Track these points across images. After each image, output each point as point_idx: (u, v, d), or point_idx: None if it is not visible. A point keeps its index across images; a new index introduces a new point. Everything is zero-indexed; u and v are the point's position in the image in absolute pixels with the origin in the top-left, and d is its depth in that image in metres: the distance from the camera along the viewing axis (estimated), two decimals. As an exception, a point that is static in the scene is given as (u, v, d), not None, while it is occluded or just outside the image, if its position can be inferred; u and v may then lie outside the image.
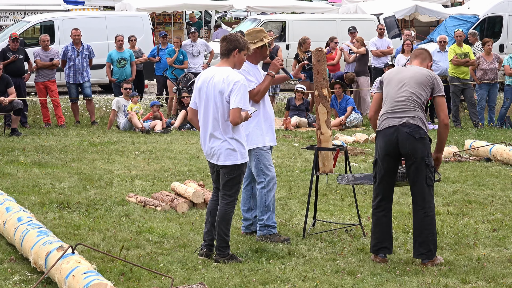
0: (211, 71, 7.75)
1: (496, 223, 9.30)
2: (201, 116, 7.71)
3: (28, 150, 14.25)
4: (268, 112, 8.48)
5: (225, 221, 7.73)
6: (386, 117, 7.68)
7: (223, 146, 7.58)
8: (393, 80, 7.78)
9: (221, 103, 7.54)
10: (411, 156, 7.60)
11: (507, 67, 17.40)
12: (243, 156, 7.65)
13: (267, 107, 8.48)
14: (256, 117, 8.27)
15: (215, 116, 7.59)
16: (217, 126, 7.59)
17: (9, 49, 17.58)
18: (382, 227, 7.83)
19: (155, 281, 7.12)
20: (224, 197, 7.74)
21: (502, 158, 13.08)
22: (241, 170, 7.69)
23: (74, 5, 30.93)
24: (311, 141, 15.57)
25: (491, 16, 24.62)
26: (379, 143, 7.74)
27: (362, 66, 19.43)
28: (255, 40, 8.46)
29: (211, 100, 7.59)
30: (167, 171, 12.39)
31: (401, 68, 8.01)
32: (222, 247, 7.74)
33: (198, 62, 20.06)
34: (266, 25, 24.23)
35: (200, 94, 7.72)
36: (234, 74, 7.60)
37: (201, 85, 7.74)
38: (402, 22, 30.81)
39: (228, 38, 7.78)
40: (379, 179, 7.79)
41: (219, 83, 7.55)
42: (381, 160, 7.72)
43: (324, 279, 7.25)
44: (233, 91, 7.48)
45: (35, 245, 7.29)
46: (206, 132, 7.67)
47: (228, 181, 7.69)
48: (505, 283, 7.17)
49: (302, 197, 10.51)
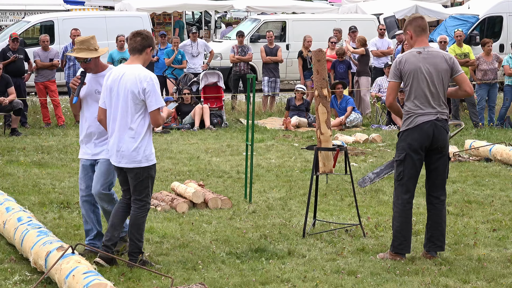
0: (121, 69, 7.39)
1: (496, 223, 9.30)
2: (111, 115, 7.37)
3: (28, 150, 14.25)
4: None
5: (136, 226, 7.43)
6: (420, 113, 7.65)
7: (130, 148, 7.29)
8: (417, 74, 7.67)
9: (133, 102, 7.25)
10: (441, 150, 7.74)
11: (506, 67, 17.40)
12: (148, 159, 7.34)
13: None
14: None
15: (124, 116, 7.29)
16: (126, 127, 7.29)
17: (9, 49, 17.59)
18: (409, 225, 7.84)
19: (155, 281, 7.12)
20: (135, 201, 7.44)
21: (502, 158, 13.08)
22: (148, 173, 7.38)
23: (74, 5, 30.92)
24: (311, 141, 15.57)
25: (491, 16, 24.61)
26: (412, 138, 7.67)
27: (362, 66, 19.43)
28: (93, 47, 7.74)
29: (121, 99, 7.28)
30: (167, 171, 12.40)
31: (417, 56, 7.73)
32: (134, 253, 7.46)
33: (198, 62, 20.08)
34: (266, 25, 24.25)
35: (111, 93, 7.35)
36: (146, 71, 7.33)
37: (111, 84, 7.36)
38: (402, 22, 30.78)
39: (145, 34, 7.41)
40: (410, 174, 7.74)
41: (131, 81, 7.25)
42: (414, 154, 7.67)
43: (324, 279, 7.25)
44: (149, 92, 7.21)
45: (35, 245, 7.29)
46: (115, 132, 7.34)
47: (137, 185, 7.39)
48: (505, 283, 7.17)
49: (302, 197, 10.51)
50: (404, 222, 7.80)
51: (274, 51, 20.17)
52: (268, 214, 9.72)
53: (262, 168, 12.66)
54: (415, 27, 7.84)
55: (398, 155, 7.79)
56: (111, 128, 7.39)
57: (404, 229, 7.80)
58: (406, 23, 7.94)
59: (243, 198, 10.54)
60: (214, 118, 17.72)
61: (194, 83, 18.46)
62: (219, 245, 8.33)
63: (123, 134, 7.32)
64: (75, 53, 7.68)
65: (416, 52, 7.75)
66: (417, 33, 7.82)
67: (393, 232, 7.89)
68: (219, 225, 9.19)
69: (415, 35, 7.83)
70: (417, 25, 7.84)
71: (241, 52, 20.08)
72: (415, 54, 7.77)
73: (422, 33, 7.82)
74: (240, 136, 16.16)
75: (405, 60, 7.77)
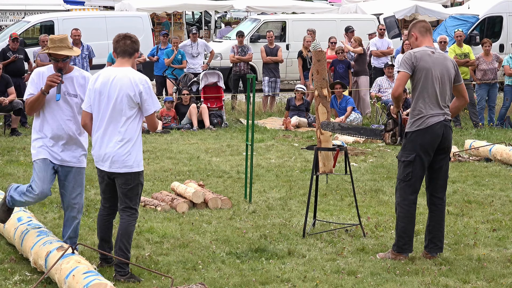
0: (111, 72, 7.17)
1: (496, 223, 9.30)
2: (98, 119, 7.12)
3: (28, 150, 14.24)
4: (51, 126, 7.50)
5: (127, 235, 7.17)
6: (431, 114, 7.66)
7: (121, 152, 7.06)
8: (431, 74, 7.67)
9: (128, 105, 7.04)
10: (447, 150, 7.81)
11: (506, 67, 17.40)
12: (139, 164, 7.14)
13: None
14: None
15: (115, 120, 7.05)
16: (116, 131, 7.06)
17: (9, 49, 17.59)
18: (413, 226, 7.85)
19: (155, 281, 7.12)
20: (126, 209, 7.18)
21: (502, 158, 13.08)
22: (139, 179, 7.17)
23: (74, 5, 30.95)
24: (311, 141, 15.57)
25: (491, 16, 24.61)
26: (423, 139, 7.66)
27: (361, 65, 19.43)
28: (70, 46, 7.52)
29: (113, 103, 7.04)
30: (167, 171, 12.40)
31: (432, 55, 7.73)
32: (122, 264, 7.15)
33: (198, 63, 20.07)
34: (266, 25, 24.24)
35: (100, 97, 7.09)
36: (140, 74, 7.18)
37: (101, 87, 7.10)
38: (402, 22, 30.81)
39: (134, 38, 7.26)
40: (417, 175, 7.74)
41: (126, 84, 7.05)
42: (424, 155, 7.68)
43: (324, 279, 7.25)
44: (146, 95, 7.05)
45: (35, 245, 7.29)
46: (104, 137, 7.10)
47: (127, 192, 7.14)
48: (505, 283, 7.17)
49: (302, 197, 10.51)
50: (409, 222, 7.80)
51: (274, 51, 20.17)
52: (268, 214, 9.73)
53: (262, 168, 12.66)
54: (420, 27, 7.87)
55: (407, 155, 7.73)
56: (100, 132, 7.13)
57: (409, 229, 7.81)
58: (410, 26, 7.98)
59: (243, 198, 10.54)
60: (214, 118, 17.72)
61: (194, 83, 18.46)
62: (219, 245, 8.33)
63: (113, 138, 7.07)
64: (56, 50, 7.36)
65: (430, 52, 7.75)
66: (422, 33, 7.85)
67: (397, 232, 7.87)
68: (219, 225, 9.19)
69: (421, 35, 7.84)
70: (422, 26, 7.89)
71: (241, 52, 20.08)
72: (430, 53, 7.76)
73: (428, 33, 7.86)
74: (240, 136, 16.16)
75: (420, 57, 7.72)
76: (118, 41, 7.28)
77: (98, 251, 7.47)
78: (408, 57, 7.73)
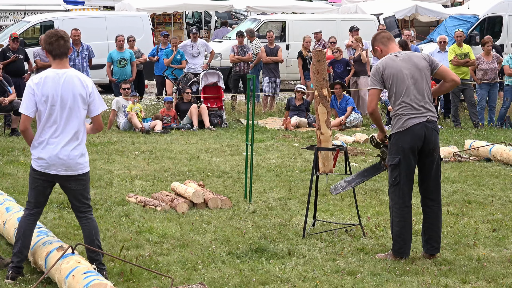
0: (56, 74, 6.95)
1: (496, 223, 9.30)
2: (49, 123, 6.92)
3: (28, 150, 14.23)
4: None
5: (98, 232, 7.24)
6: (410, 114, 7.60)
7: (76, 154, 6.98)
8: (399, 75, 7.65)
9: (82, 106, 6.95)
10: (433, 152, 7.69)
11: (506, 67, 17.40)
12: (88, 163, 7.12)
13: None
14: None
15: (69, 122, 6.93)
16: (70, 134, 6.93)
17: (9, 49, 17.59)
18: (409, 228, 7.81)
19: (155, 281, 7.12)
20: (86, 207, 7.17)
21: (502, 158, 13.08)
22: (88, 177, 7.16)
23: (74, 5, 30.93)
24: (311, 141, 15.57)
25: (491, 16, 24.64)
26: (404, 141, 7.62)
27: (361, 65, 19.43)
28: None
29: (68, 105, 6.90)
30: (167, 171, 12.39)
31: (395, 59, 7.74)
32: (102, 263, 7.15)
33: (198, 63, 20.08)
34: (266, 25, 24.25)
35: (48, 100, 6.88)
36: (83, 74, 7.10)
37: (49, 90, 6.88)
38: (402, 22, 30.82)
39: (67, 36, 7.01)
40: (405, 178, 7.69)
41: (78, 85, 6.92)
42: (408, 157, 7.62)
43: (324, 279, 7.25)
44: (93, 95, 6.96)
45: (35, 245, 7.29)
46: (59, 139, 6.93)
47: (84, 190, 7.13)
48: (505, 283, 7.17)
49: (302, 197, 10.51)
50: (403, 226, 7.78)
51: (275, 51, 20.18)
52: (268, 214, 9.72)
53: (262, 168, 12.66)
54: (381, 39, 7.95)
55: (393, 159, 7.72)
56: (49, 136, 6.93)
57: (404, 233, 7.79)
58: (372, 42, 8.08)
59: (243, 198, 10.54)
60: (214, 118, 17.71)
61: (194, 83, 18.46)
62: (219, 245, 8.33)
63: (68, 141, 6.94)
64: None
65: (393, 56, 7.77)
66: (385, 43, 7.91)
67: (392, 236, 7.88)
68: (219, 225, 9.19)
69: (384, 46, 7.91)
70: (382, 36, 7.96)
71: (241, 52, 20.09)
72: (393, 58, 7.78)
73: (390, 41, 7.92)
74: (240, 136, 16.16)
75: (384, 65, 7.74)
76: (51, 43, 6.97)
77: (99, 251, 7.47)
78: (374, 72, 7.79)
